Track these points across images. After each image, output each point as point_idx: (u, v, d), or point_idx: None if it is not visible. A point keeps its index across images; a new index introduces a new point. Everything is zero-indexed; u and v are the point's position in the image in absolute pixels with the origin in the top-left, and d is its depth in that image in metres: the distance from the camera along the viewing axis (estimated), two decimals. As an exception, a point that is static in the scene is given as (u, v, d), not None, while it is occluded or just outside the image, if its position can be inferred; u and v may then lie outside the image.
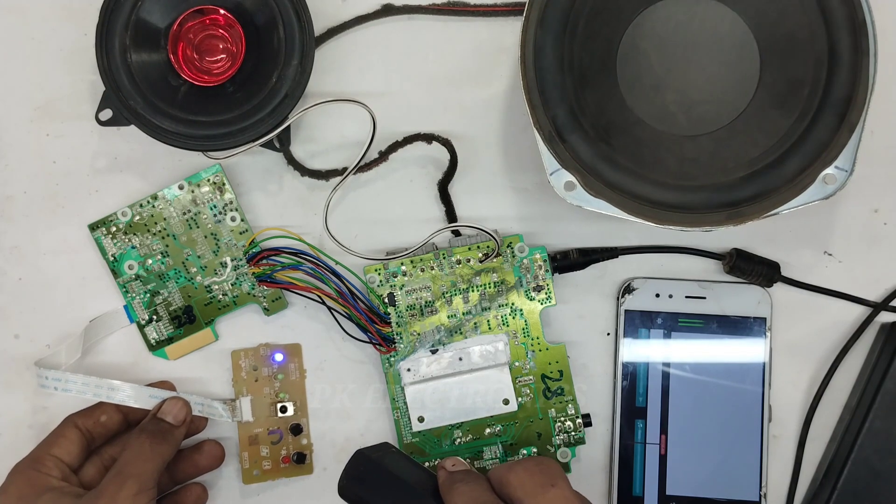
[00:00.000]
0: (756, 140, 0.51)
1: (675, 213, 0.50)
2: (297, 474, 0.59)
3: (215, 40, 0.57)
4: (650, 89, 0.52)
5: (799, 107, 0.51)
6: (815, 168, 0.50)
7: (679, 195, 0.50)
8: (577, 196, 0.50)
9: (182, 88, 0.56)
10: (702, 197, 0.50)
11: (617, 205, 0.50)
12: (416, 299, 0.58)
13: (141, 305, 0.59)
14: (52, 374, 0.55)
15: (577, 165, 0.50)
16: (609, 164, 0.51)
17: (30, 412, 0.59)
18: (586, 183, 0.50)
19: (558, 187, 0.50)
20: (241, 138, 0.55)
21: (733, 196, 0.50)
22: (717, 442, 0.58)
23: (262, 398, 0.59)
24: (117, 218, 0.58)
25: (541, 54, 0.51)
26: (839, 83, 0.50)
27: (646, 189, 0.51)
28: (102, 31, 0.55)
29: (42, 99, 0.60)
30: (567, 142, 0.51)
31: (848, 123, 0.49)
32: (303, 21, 0.55)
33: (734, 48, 0.52)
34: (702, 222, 0.50)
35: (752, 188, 0.50)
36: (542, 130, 0.50)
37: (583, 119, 0.51)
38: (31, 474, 0.51)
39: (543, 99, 0.50)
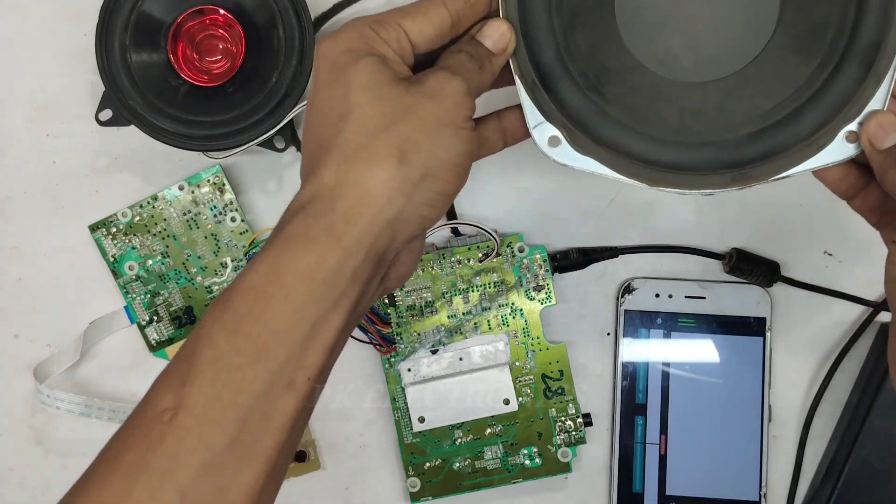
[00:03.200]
0: (770, 90, 0.45)
1: (673, 173, 0.44)
2: (302, 472, 0.59)
3: (215, 40, 0.57)
4: (652, 28, 0.46)
5: (821, 53, 0.44)
6: (836, 124, 0.43)
7: (678, 153, 0.45)
8: (563, 153, 0.44)
9: (182, 88, 0.56)
10: (704, 156, 0.45)
11: (607, 163, 0.44)
12: (416, 299, 0.58)
13: (141, 306, 0.59)
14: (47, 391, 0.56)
15: (563, 118, 0.44)
16: (600, 118, 0.45)
17: (30, 413, 0.59)
18: (573, 138, 0.44)
19: (541, 142, 0.44)
20: (241, 138, 0.55)
21: (739, 155, 0.44)
22: (716, 442, 0.58)
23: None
24: (117, 219, 0.58)
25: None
26: (867, 27, 0.43)
27: (640, 146, 0.45)
28: (102, 32, 0.54)
29: (42, 99, 0.60)
30: (552, 91, 0.44)
31: (875, 74, 0.43)
32: (302, 21, 0.55)
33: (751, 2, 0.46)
34: (702, 185, 0.44)
35: (762, 146, 0.44)
36: (524, 79, 0.44)
37: (571, 66, 0.45)
38: (367, 32, 0.41)
39: (527, 43, 0.44)
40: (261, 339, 0.37)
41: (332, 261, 0.38)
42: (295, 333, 0.37)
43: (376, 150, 0.39)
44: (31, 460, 0.59)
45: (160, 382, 0.37)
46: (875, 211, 0.44)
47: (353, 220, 0.38)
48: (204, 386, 0.36)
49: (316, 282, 0.37)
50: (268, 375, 0.37)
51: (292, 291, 0.37)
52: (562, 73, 0.45)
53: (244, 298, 0.37)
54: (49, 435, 0.59)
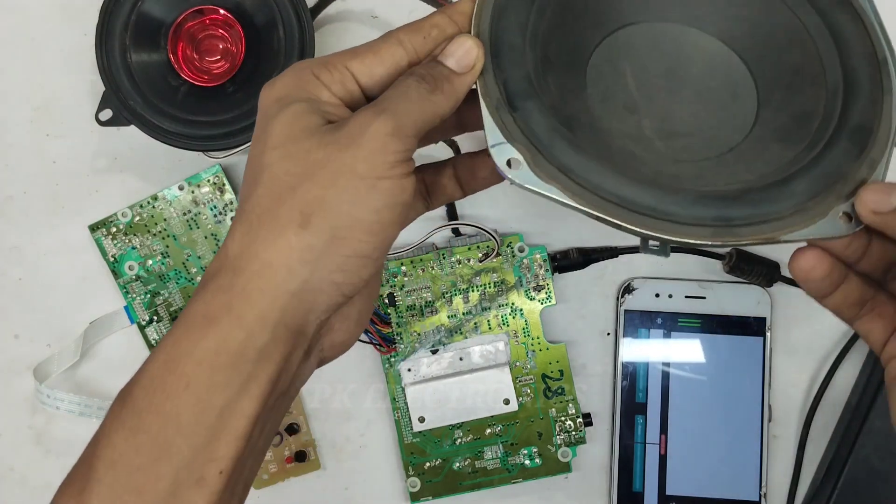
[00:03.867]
0: (752, 167, 0.42)
1: (649, 217, 0.38)
2: (304, 472, 0.59)
3: (215, 40, 0.57)
4: (623, 109, 0.43)
5: (807, 139, 0.41)
6: (829, 199, 0.39)
7: (654, 195, 0.39)
8: (522, 176, 0.38)
9: (182, 88, 0.56)
10: (685, 203, 0.39)
11: (572, 194, 0.38)
12: (416, 299, 0.58)
13: (141, 306, 0.59)
14: (47, 390, 0.56)
15: (527, 140, 0.39)
16: (568, 145, 0.39)
17: (30, 412, 0.59)
18: (536, 162, 0.38)
19: (500, 163, 0.38)
20: (241, 138, 0.55)
21: (724, 210, 0.39)
22: (717, 442, 0.58)
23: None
24: (118, 219, 0.58)
25: (504, 12, 0.41)
26: (856, 113, 0.41)
27: (611, 181, 0.39)
28: (102, 31, 0.54)
29: (42, 99, 0.60)
30: (519, 110, 0.39)
31: (869, 159, 0.40)
32: (302, 21, 0.55)
33: (727, 85, 0.44)
34: (681, 233, 0.38)
35: (749, 206, 0.39)
36: (488, 97, 0.39)
37: (541, 92, 0.41)
38: (303, 76, 0.38)
39: (496, 62, 0.40)
40: (162, 435, 0.34)
41: (234, 343, 0.34)
42: (200, 425, 0.34)
43: (279, 215, 0.35)
44: (31, 460, 0.59)
45: (62, 489, 0.35)
46: (856, 304, 0.41)
47: (253, 297, 0.35)
48: (103, 492, 0.34)
49: (218, 367, 0.34)
50: (173, 473, 0.34)
51: (193, 380, 0.34)
52: (529, 93, 0.40)
53: (143, 391, 0.34)
54: (49, 435, 0.59)
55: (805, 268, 0.40)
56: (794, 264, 0.40)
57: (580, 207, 0.38)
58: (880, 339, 0.41)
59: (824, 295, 0.40)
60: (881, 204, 0.38)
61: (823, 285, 0.40)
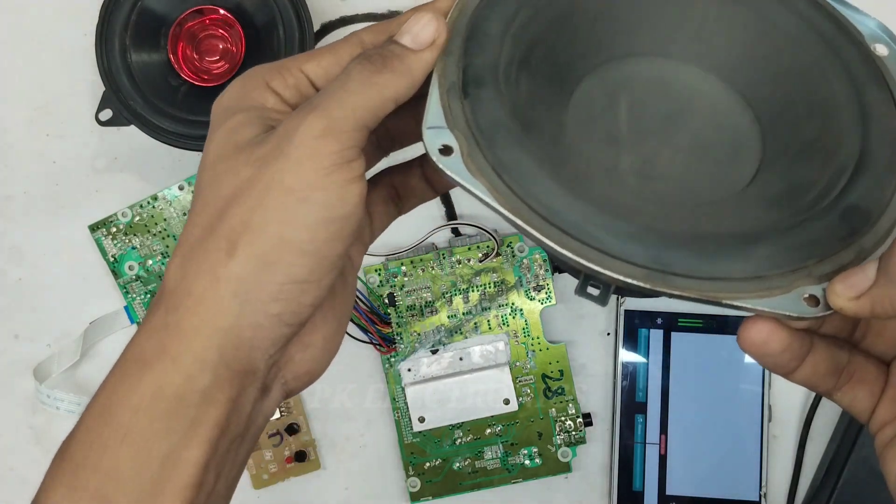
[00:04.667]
0: (721, 222, 0.37)
1: (572, 239, 0.33)
2: (305, 472, 0.59)
3: (215, 40, 0.57)
4: (604, 138, 0.39)
5: (795, 208, 0.36)
6: (796, 275, 0.33)
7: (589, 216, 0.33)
8: (451, 165, 0.34)
9: (182, 88, 0.56)
10: (619, 232, 0.33)
11: (501, 198, 0.33)
12: (416, 299, 0.58)
13: (142, 306, 0.59)
14: (47, 391, 0.56)
15: (468, 129, 0.35)
16: (511, 141, 0.35)
17: (30, 412, 0.59)
18: (470, 153, 0.34)
19: (431, 147, 0.34)
20: (242, 138, 0.55)
21: (664, 252, 0.33)
22: (717, 442, 0.58)
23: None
24: (118, 218, 0.58)
25: (491, 3, 0.38)
26: (861, 191, 0.35)
27: (545, 188, 0.34)
28: (102, 31, 0.54)
29: (42, 99, 0.60)
30: (469, 97, 0.35)
31: (858, 246, 0.34)
32: (302, 21, 0.55)
33: (730, 143, 0.40)
34: (604, 265, 0.32)
35: (695, 255, 0.33)
36: (444, 78, 0.35)
37: (504, 87, 0.36)
38: (250, 83, 0.34)
39: (466, 47, 0.36)
40: (101, 492, 0.31)
41: (171, 387, 0.31)
42: (141, 479, 0.31)
43: (208, 245, 0.32)
44: (31, 460, 0.59)
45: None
46: (829, 374, 0.34)
47: (188, 336, 0.32)
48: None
49: (156, 414, 0.31)
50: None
51: (130, 430, 0.31)
52: (487, 83, 0.36)
53: (80, 445, 0.31)
54: (49, 435, 0.59)
55: (756, 341, 0.33)
56: (742, 336, 0.33)
57: (498, 209, 0.33)
58: (867, 408, 0.35)
59: (788, 371, 0.34)
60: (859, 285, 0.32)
61: (783, 360, 0.33)
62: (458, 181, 0.33)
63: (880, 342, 0.36)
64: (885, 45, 0.40)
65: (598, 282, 0.33)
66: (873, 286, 0.31)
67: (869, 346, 0.36)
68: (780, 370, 0.34)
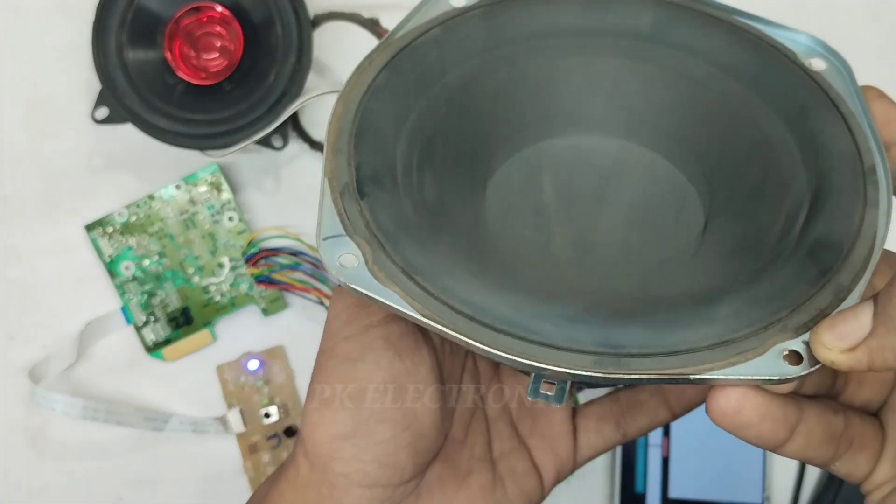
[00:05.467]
0: (673, 284, 0.34)
1: (507, 336, 0.29)
2: (297, 475, 0.59)
3: (212, 38, 0.56)
4: (531, 220, 0.36)
5: (754, 253, 0.33)
6: (769, 332, 0.29)
7: (519, 307, 0.30)
8: (355, 277, 0.30)
9: (179, 86, 0.55)
10: (558, 319, 0.29)
11: (417, 304, 0.29)
12: (416, 300, 0.58)
13: (138, 307, 0.58)
14: (43, 392, 0.56)
15: (370, 233, 0.31)
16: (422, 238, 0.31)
17: (25, 414, 0.59)
18: (375, 260, 0.30)
19: (329, 260, 0.30)
20: (239, 137, 0.54)
21: (611, 332, 0.29)
22: (720, 444, 0.57)
23: (253, 406, 0.58)
24: (114, 218, 0.58)
25: (376, 95, 0.35)
26: (825, 224, 0.32)
27: (463, 284, 0.30)
28: (98, 29, 0.54)
29: (37, 97, 0.59)
30: (367, 196, 0.32)
31: (835, 285, 0.30)
32: (300, 18, 0.54)
33: (669, 205, 0.37)
34: (548, 359, 0.28)
35: (648, 329, 0.29)
36: (336, 181, 0.32)
37: (405, 185, 0.33)
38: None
39: (356, 143, 0.33)
40: None
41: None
42: None
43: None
44: (27, 463, 0.59)
45: None
46: (826, 443, 0.30)
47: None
48: None
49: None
50: None
51: None
52: (385, 181, 0.33)
53: None
54: (45, 437, 0.59)
55: (726, 411, 0.28)
56: (711, 408, 0.29)
57: (416, 317, 0.29)
58: (866, 473, 0.31)
59: (777, 444, 0.30)
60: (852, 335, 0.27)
61: (766, 431, 0.29)
62: (366, 294, 0.30)
63: (864, 390, 0.32)
64: (821, 59, 0.37)
65: (551, 378, 0.29)
66: (870, 336, 0.27)
67: (851, 396, 0.32)
68: (768, 443, 0.30)
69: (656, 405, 0.37)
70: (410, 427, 0.35)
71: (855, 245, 0.31)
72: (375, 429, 0.35)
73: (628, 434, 0.39)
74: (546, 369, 0.28)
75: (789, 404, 0.29)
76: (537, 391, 0.30)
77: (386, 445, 0.35)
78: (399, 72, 0.35)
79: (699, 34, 0.38)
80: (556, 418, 0.39)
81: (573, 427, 0.39)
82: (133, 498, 0.59)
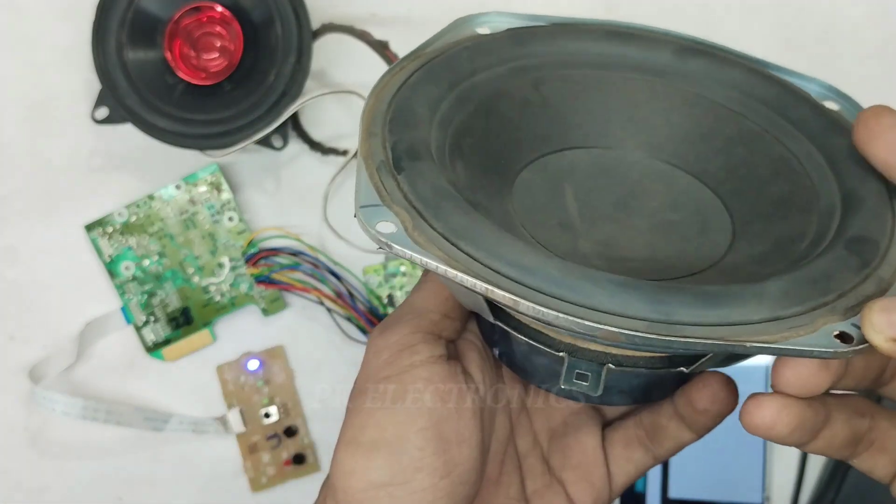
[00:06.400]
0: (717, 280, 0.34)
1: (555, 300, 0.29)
2: (303, 474, 0.59)
3: (212, 38, 0.56)
4: (556, 226, 0.36)
5: (791, 256, 0.34)
6: (817, 312, 0.30)
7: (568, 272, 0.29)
8: (397, 238, 0.30)
9: (179, 86, 0.55)
10: (609, 285, 0.29)
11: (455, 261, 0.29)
12: (416, 300, 0.58)
13: (138, 307, 0.58)
14: (44, 392, 0.56)
15: (408, 203, 0.31)
16: (464, 207, 0.32)
17: (25, 414, 0.59)
18: (415, 226, 0.31)
19: (368, 226, 0.30)
20: (239, 137, 0.54)
21: (666, 302, 0.29)
22: (720, 444, 0.57)
23: (253, 406, 0.58)
24: (114, 218, 0.58)
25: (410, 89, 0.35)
26: (859, 225, 0.33)
27: (510, 247, 0.30)
28: (98, 29, 0.54)
29: (37, 97, 0.59)
30: (405, 171, 0.32)
31: (876, 277, 0.31)
32: (300, 18, 0.54)
33: (694, 219, 0.37)
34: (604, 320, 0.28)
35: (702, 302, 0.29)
36: (370, 160, 0.33)
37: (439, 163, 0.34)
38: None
39: (390, 127, 0.34)
40: None
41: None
42: None
43: None
44: (27, 463, 0.59)
45: None
46: (846, 445, 0.33)
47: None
48: None
49: None
50: None
51: None
52: (423, 156, 0.33)
53: None
54: (45, 437, 0.59)
55: (762, 424, 0.30)
56: (746, 419, 0.31)
57: (464, 278, 0.29)
58: (889, 474, 0.34)
59: (801, 444, 0.32)
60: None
61: (794, 437, 0.31)
62: (409, 255, 0.30)
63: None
64: (833, 103, 0.38)
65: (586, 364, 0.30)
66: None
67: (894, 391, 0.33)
68: (791, 444, 0.31)
69: (677, 428, 0.37)
70: (450, 475, 0.33)
71: (892, 244, 0.32)
72: (414, 477, 0.33)
73: (658, 457, 0.39)
74: (599, 328, 0.28)
75: (819, 412, 0.30)
76: (571, 379, 0.30)
77: (424, 495, 0.33)
78: (432, 73, 0.36)
79: (717, 67, 0.39)
80: (588, 446, 0.38)
81: (605, 455, 0.39)
82: (133, 498, 0.59)
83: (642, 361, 0.28)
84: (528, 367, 0.35)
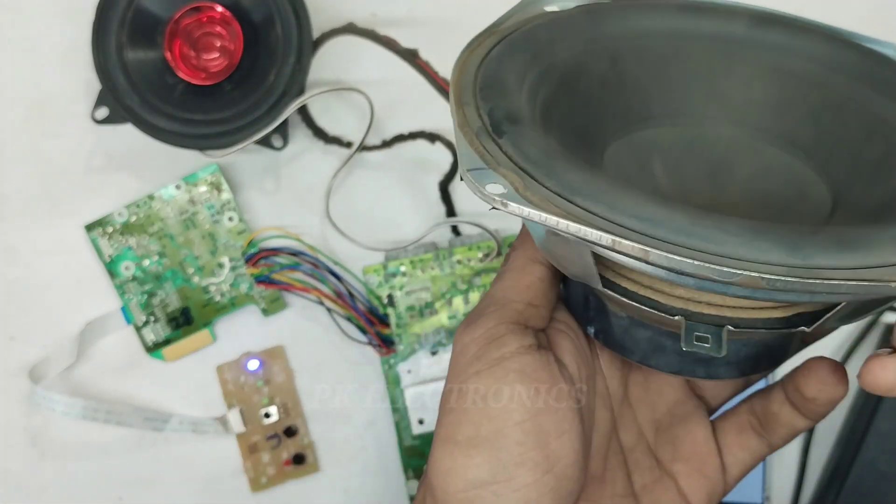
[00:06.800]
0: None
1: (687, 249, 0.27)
2: (303, 474, 0.59)
3: (212, 38, 0.56)
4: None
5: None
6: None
7: (696, 221, 0.28)
8: (510, 198, 0.29)
9: (179, 86, 0.55)
10: (740, 231, 0.28)
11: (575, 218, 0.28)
12: (415, 300, 0.58)
13: (138, 307, 0.58)
14: (44, 393, 0.56)
15: (515, 165, 0.31)
16: (577, 164, 0.31)
17: (25, 414, 0.59)
18: (527, 186, 0.30)
19: (477, 187, 0.30)
20: (239, 137, 0.54)
21: (803, 248, 0.27)
22: (720, 444, 0.57)
23: (253, 407, 0.58)
24: (114, 218, 0.58)
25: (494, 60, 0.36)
26: None
27: (631, 199, 0.29)
28: (98, 29, 0.54)
29: (37, 97, 0.59)
30: (506, 134, 0.32)
31: None
32: (301, 18, 0.54)
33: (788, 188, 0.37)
34: (745, 267, 0.27)
35: (836, 248, 0.28)
36: (467, 127, 0.32)
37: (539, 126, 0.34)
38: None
39: (482, 95, 0.34)
40: None
41: None
42: None
43: None
44: (27, 463, 0.59)
45: None
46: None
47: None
48: None
49: None
50: None
51: None
52: (523, 119, 0.33)
53: None
54: (45, 437, 0.59)
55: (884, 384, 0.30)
56: (869, 378, 0.30)
57: (587, 231, 0.28)
58: None
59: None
60: None
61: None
62: (526, 212, 0.29)
63: None
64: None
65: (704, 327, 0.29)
66: None
67: None
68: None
69: (790, 414, 0.36)
70: (553, 469, 0.32)
71: None
72: (515, 473, 0.32)
73: (773, 445, 0.37)
74: (739, 274, 0.26)
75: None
76: (691, 341, 0.29)
77: (527, 491, 0.32)
78: (513, 46, 0.36)
79: (794, 36, 0.39)
80: (699, 436, 0.37)
81: (717, 444, 0.38)
82: (133, 498, 0.59)
83: (760, 322, 0.28)
84: (628, 342, 0.34)
